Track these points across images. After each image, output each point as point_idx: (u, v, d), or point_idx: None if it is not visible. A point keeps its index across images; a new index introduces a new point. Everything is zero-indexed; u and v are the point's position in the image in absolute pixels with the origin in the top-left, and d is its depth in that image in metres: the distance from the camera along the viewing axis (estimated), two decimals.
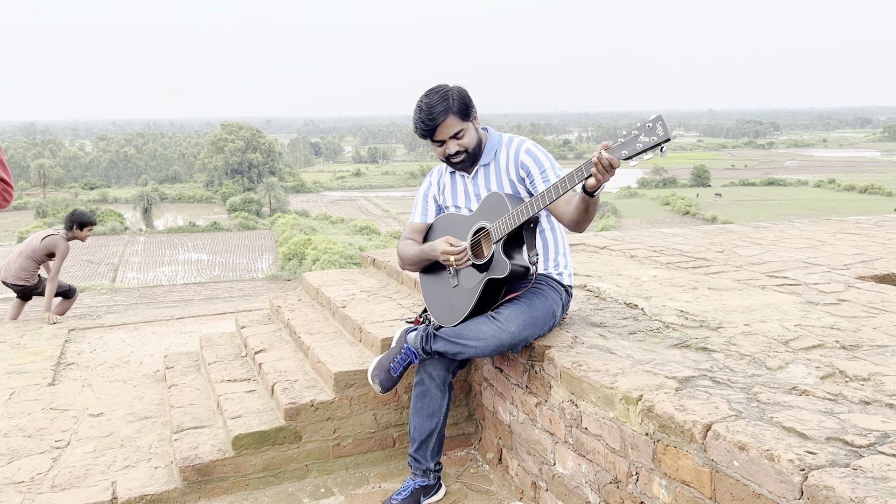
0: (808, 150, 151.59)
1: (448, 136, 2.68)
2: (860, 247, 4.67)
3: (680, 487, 2.00)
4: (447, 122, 2.65)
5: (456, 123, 2.67)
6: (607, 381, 2.29)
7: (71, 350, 5.12)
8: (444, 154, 2.74)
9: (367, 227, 55.71)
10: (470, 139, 2.72)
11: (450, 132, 2.67)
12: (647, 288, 3.55)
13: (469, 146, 2.72)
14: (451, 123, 2.66)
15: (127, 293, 26.37)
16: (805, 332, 2.74)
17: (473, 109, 2.73)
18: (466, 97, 2.69)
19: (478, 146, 2.77)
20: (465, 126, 2.70)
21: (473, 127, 2.74)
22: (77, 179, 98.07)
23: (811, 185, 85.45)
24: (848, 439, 1.77)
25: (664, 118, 2.15)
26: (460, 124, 2.68)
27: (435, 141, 2.71)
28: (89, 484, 2.91)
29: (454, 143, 2.70)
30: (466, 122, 2.70)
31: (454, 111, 2.65)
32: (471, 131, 2.72)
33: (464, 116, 2.68)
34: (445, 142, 2.70)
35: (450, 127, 2.66)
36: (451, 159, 2.75)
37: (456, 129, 2.67)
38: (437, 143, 2.72)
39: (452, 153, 2.72)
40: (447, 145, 2.70)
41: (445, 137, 2.69)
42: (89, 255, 47.65)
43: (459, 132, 2.68)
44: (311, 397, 3.09)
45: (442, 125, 2.65)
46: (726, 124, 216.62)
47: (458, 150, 2.71)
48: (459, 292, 2.70)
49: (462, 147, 2.71)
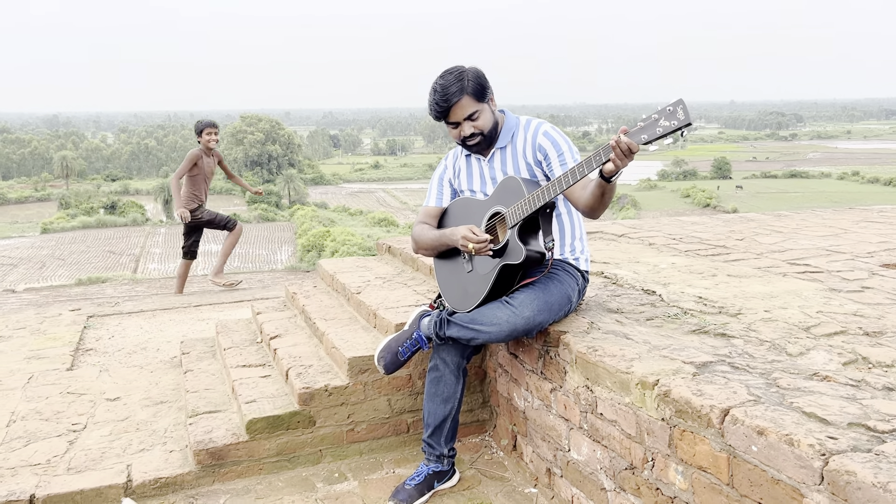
0: (832, 141, 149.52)
1: (462, 117, 2.63)
2: (884, 235, 4.57)
3: (696, 473, 1.96)
4: (462, 102, 2.60)
5: (471, 104, 2.62)
6: (623, 366, 2.25)
7: (89, 336, 5.16)
8: (459, 136, 2.70)
9: (386, 219, 55.79)
10: (485, 121, 2.67)
11: (464, 113, 2.62)
12: (665, 275, 3.49)
13: (484, 128, 2.68)
14: (465, 104, 2.61)
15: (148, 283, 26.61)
16: (827, 318, 2.68)
17: (489, 91, 2.68)
18: (482, 78, 2.65)
19: (494, 128, 2.72)
20: (481, 107, 2.65)
21: (489, 109, 2.69)
22: (99, 171, 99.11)
23: (834, 177, 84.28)
24: (870, 425, 1.72)
25: (685, 102, 2.10)
26: (475, 105, 2.63)
27: (450, 123, 2.67)
28: (105, 466, 2.92)
29: (469, 125, 2.65)
30: (482, 103, 2.65)
31: (469, 92, 2.60)
32: (486, 113, 2.67)
33: (479, 97, 2.63)
34: (460, 123, 2.65)
35: (464, 108, 2.61)
36: (467, 142, 2.70)
37: (471, 110, 2.62)
38: (452, 125, 2.67)
39: (467, 135, 2.67)
40: (462, 127, 2.66)
41: (460, 119, 2.64)
42: (111, 245, 48.16)
43: (474, 113, 2.63)
44: (326, 382, 3.08)
45: (456, 106, 2.60)
46: (748, 116, 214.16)
47: (474, 133, 2.67)
48: (474, 278, 2.67)
49: (477, 129, 2.66)
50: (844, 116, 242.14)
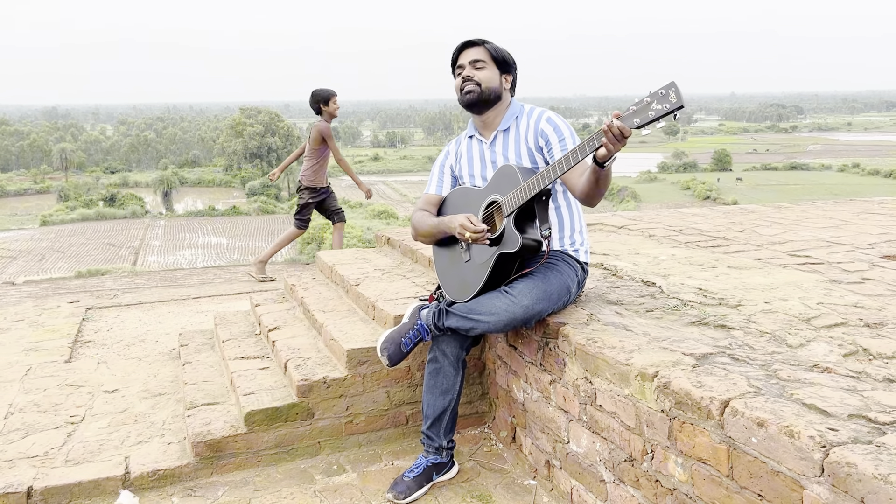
0: (833, 133, 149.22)
1: (468, 59, 2.73)
2: (885, 226, 4.56)
3: (696, 465, 1.95)
4: (476, 49, 2.74)
5: (481, 53, 2.73)
6: (623, 357, 2.24)
7: (88, 328, 5.15)
8: (459, 85, 2.77)
9: (386, 212, 55.71)
10: (488, 75, 2.73)
11: (471, 57, 2.73)
12: (665, 266, 3.48)
13: (484, 81, 2.73)
14: (476, 51, 2.74)
15: (148, 276, 26.63)
16: (827, 310, 2.67)
17: (510, 66, 2.80)
18: (507, 54, 2.78)
19: (494, 93, 2.76)
20: (490, 64, 2.74)
21: (499, 75, 2.76)
22: (98, 163, 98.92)
23: (835, 169, 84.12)
24: (871, 416, 1.71)
25: (677, 84, 2.07)
26: (485, 56, 2.74)
27: (457, 66, 2.76)
28: (103, 458, 2.91)
29: (470, 68, 2.73)
30: (494, 65, 2.75)
31: (487, 47, 2.73)
32: (493, 71, 2.75)
33: (495, 58, 2.74)
34: (464, 67, 2.74)
35: (474, 54, 2.74)
36: (464, 86, 2.75)
37: (478, 56, 2.73)
38: (458, 70, 2.76)
39: (465, 76, 2.73)
40: (464, 69, 2.74)
41: (465, 62, 2.74)
42: (110, 238, 48.13)
43: (479, 62, 2.73)
44: (324, 374, 3.07)
45: (470, 48, 2.75)
46: (748, 108, 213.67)
47: (471, 76, 2.73)
48: (471, 267, 2.66)
49: (476, 77, 2.72)
50: (845, 108, 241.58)
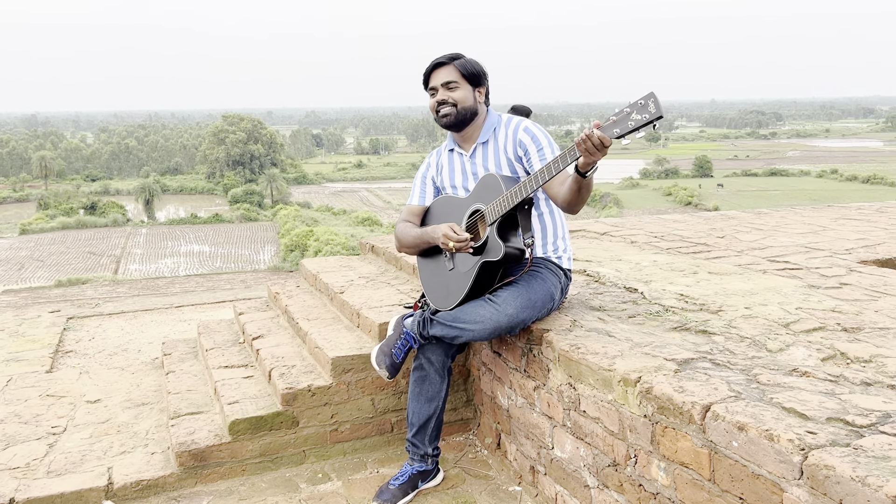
0: (811, 140, 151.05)
1: (441, 81, 2.71)
2: (862, 232, 4.63)
3: (679, 469, 1.97)
4: (445, 69, 2.71)
5: (452, 73, 2.71)
6: (605, 363, 2.26)
7: (69, 338, 5.10)
8: (433, 106, 2.76)
9: (369, 219, 55.68)
10: (462, 95, 2.72)
11: (443, 79, 2.71)
12: (647, 272, 3.52)
13: (459, 102, 2.72)
14: (447, 72, 2.71)
15: (129, 285, 26.34)
16: (806, 314, 2.71)
17: (482, 80, 2.77)
18: (478, 66, 2.75)
19: (470, 111, 2.75)
20: (462, 83, 2.72)
21: (473, 92, 2.75)
22: (79, 171, 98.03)
23: (814, 175, 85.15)
24: (849, 419, 1.74)
25: (656, 95, 2.11)
26: (456, 76, 2.71)
27: (430, 88, 2.75)
28: (85, 469, 2.89)
29: (444, 91, 2.71)
30: (466, 82, 2.72)
31: (457, 65, 2.71)
32: (466, 90, 2.73)
33: (465, 76, 2.71)
34: (437, 90, 2.72)
35: (446, 74, 2.71)
36: (439, 110, 2.74)
37: (450, 78, 2.71)
38: (431, 91, 2.75)
39: (440, 100, 2.72)
40: (438, 93, 2.72)
41: (438, 83, 2.72)
42: (91, 246, 47.66)
43: (452, 83, 2.71)
44: (309, 382, 3.07)
45: (440, 69, 2.72)
46: (729, 115, 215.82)
47: (446, 100, 2.71)
48: (455, 276, 2.68)
49: (451, 99, 2.71)
50: (823, 115, 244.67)
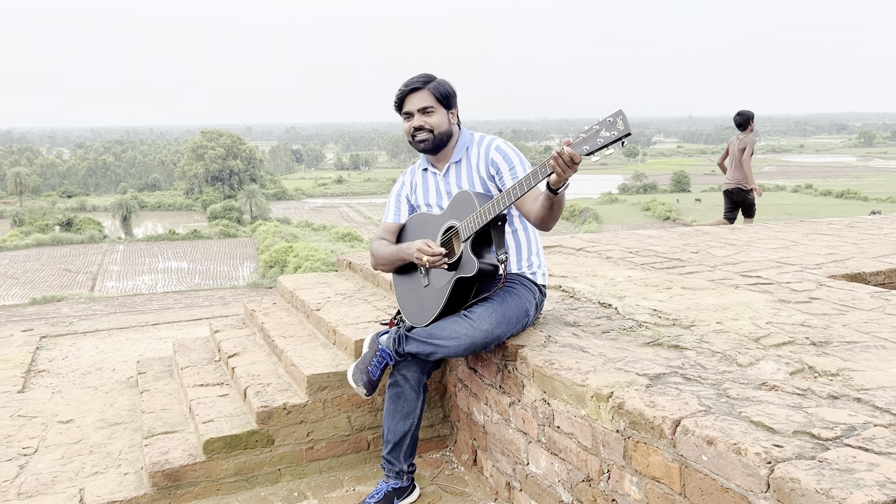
0: (786, 155, 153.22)
1: (416, 108, 2.72)
2: (832, 247, 4.71)
3: (650, 484, 1.99)
4: (419, 94, 2.71)
5: (427, 98, 2.71)
6: (579, 378, 2.28)
7: (42, 357, 5.04)
8: (409, 131, 2.77)
9: (350, 234, 55.54)
10: (438, 121, 2.74)
11: (418, 104, 2.71)
12: (621, 288, 3.55)
13: (435, 127, 2.74)
14: (422, 96, 2.71)
15: (106, 302, 25.99)
16: (776, 329, 2.76)
17: (453, 100, 2.77)
18: (449, 87, 2.75)
19: (446, 135, 2.78)
20: (437, 107, 2.73)
21: (447, 115, 2.77)
22: (54, 187, 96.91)
23: (789, 190, 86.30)
24: (815, 432, 1.77)
25: (624, 112, 2.15)
26: (431, 101, 2.71)
27: (404, 113, 2.75)
28: (56, 491, 2.85)
29: (420, 117, 2.73)
30: (440, 105, 2.73)
31: (430, 88, 2.71)
32: (441, 115, 2.75)
33: (440, 99, 2.72)
34: (413, 115, 2.73)
35: (420, 100, 2.71)
36: (415, 136, 2.76)
37: (425, 103, 2.71)
38: (406, 116, 2.75)
39: (416, 126, 2.73)
40: (413, 119, 2.73)
41: (413, 109, 2.72)
42: (67, 263, 47.06)
43: (428, 108, 2.72)
44: (284, 400, 3.05)
45: (414, 94, 2.71)
46: (706, 130, 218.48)
47: (423, 126, 2.73)
48: (430, 292, 2.69)
49: (428, 125, 2.73)
50: (797, 131, 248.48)
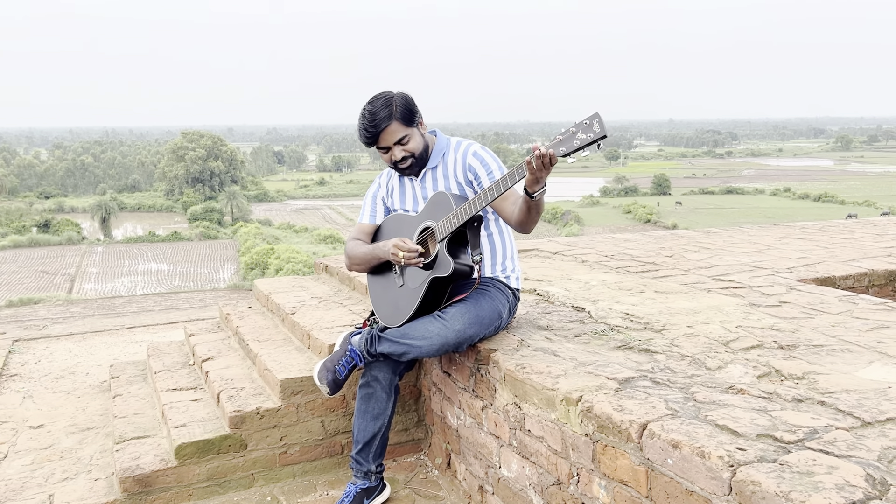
0: (765, 159, 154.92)
1: (392, 141, 2.67)
2: (804, 251, 4.78)
3: (618, 487, 2.01)
4: (390, 128, 2.64)
5: (400, 129, 2.65)
6: (549, 382, 2.30)
7: (14, 361, 4.97)
8: (390, 161, 2.74)
9: (332, 236, 55.32)
10: (416, 144, 2.71)
11: (394, 138, 2.66)
12: (595, 292, 3.57)
13: (416, 151, 2.72)
14: (394, 130, 2.65)
15: (84, 304, 25.69)
16: (745, 332, 2.79)
17: (418, 115, 2.72)
18: (410, 102, 2.69)
19: (425, 151, 2.77)
20: (410, 132, 2.68)
21: (419, 132, 2.74)
22: (32, 188, 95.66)
23: (768, 193, 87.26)
24: (777, 436, 1.79)
25: (601, 115, 2.17)
26: (404, 130, 2.66)
27: (380, 148, 2.70)
28: (25, 497, 2.82)
29: (399, 149, 2.69)
30: (411, 127, 2.69)
31: (398, 117, 2.64)
32: (416, 137, 2.71)
33: (408, 122, 2.67)
34: (391, 148, 2.69)
35: (393, 133, 2.65)
36: (399, 165, 2.74)
37: (400, 134, 2.66)
38: (383, 150, 2.71)
39: (399, 158, 2.71)
40: (392, 151, 2.69)
41: (390, 143, 2.68)
42: (44, 265, 46.46)
43: (404, 138, 2.67)
44: (258, 405, 3.04)
45: (385, 131, 2.64)
46: (686, 134, 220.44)
47: (405, 156, 2.71)
48: (405, 292, 2.69)
49: (408, 152, 2.70)
50: (776, 135, 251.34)
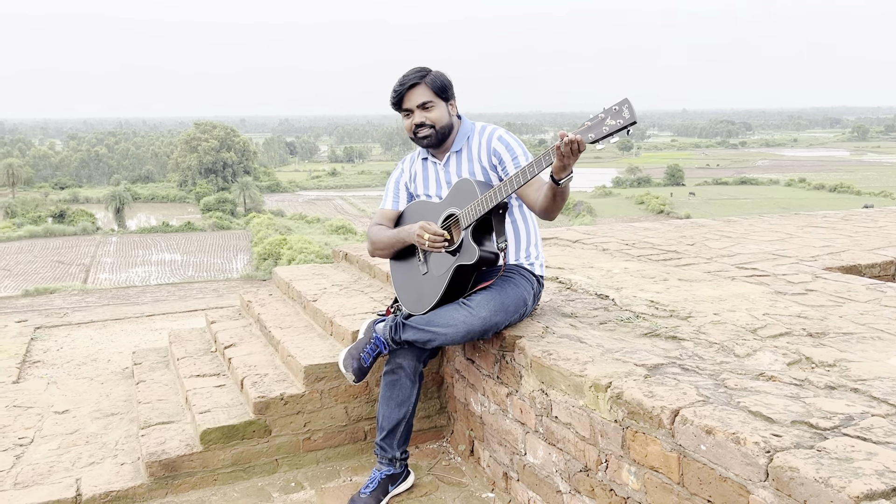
0: (779, 149, 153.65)
1: (416, 104, 2.70)
2: (828, 239, 4.73)
3: (649, 473, 2.00)
4: (417, 89, 2.68)
5: (426, 93, 2.69)
6: (577, 369, 2.29)
7: (37, 348, 5.02)
8: (410, 127, 2.75)
9: (344, 227, 55.43)
10: (438, 115, 2.72)
11: (418, 100, 2.69)
12: (618, 279, 3.56)
13: (436, 122, 2.72)
14: (420, 92, 2.68)
15: (99, 294, 25.92)
16: (773, 320, 2.77)
17: (451, 92, 2.75)
18: (445, 78, 2.73)
19: (447, 128, 2.76)
20: (437, 101, 2.71)
21: (446, 108, 2.75)
22: (47, 179, 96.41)
23: (782, 183, 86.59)
24: (813, 422, 1.78)
25: (630, 101, 2.15)
26: (430, 96, 2.69)
27: (403, 110, 2.73)
28: (53, 481, 2.85)
29: (420, 113, 2.70)
30: (439, 98, 2.71)
31: (427, 82, 2.68)
32: (441, 109, 2.73)
33: (438, 93, 2.70)
34: (413, 112, 2.71)
35: (419, 95, 2.68)
36: (417, 132, 2.74)
37: (425, 98, 2.69)
38: (406, 113, 2.73)
39: (418, 123, 2.72)
40: (414, 115, 2.71)
41: (413, 106, 2.70)
42: (60, 255, 46.85)
43: (428, 103, 2.70)
44: (281, 391, 3.05)
45: (412, 91, 2.68)
46: (700, 124, 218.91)
47: (424, 122, 2.71)
48: (429, 279, 2.69)
49: (429, 120, 2.71)
50: (791, 125, 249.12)
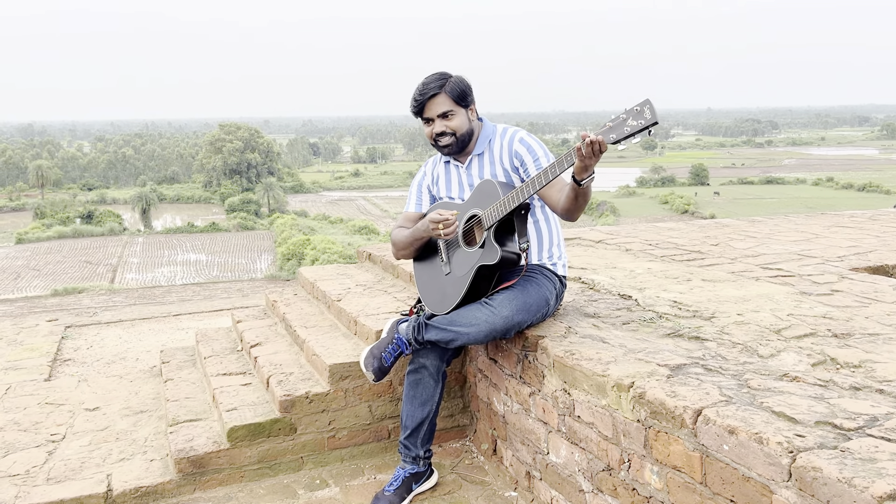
0: (807, 148, 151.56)
1: (436, 113, 2.71)
2: (855, 239, 4.68)
3: (671, 473, 2.00)
4: (438, 99, 2.69)
5: (446, 102, 2.69)
6: (599, 368, 2.30)
7: (67, 346, 5.12)
8: (431, 135, 2.76)
9: (366, 227, 55.68)
10: (459, 123, 2.73)
11: (438, 110, 2.70)
12: (641, 280, 3.55)
13: (457, 130, 2.73)
14: (441, 101, 2.69)
15: (126, 294, 26.27)
16: (797, 321, 2.75)
17: (471, 98, 2.76)
18: (465, 84, 2.73)
19: (468, 134, 2.78)
20: (457, 109, 2.72)
21: (466, 114, 2.75)
22: (75, 180, 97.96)
23: (809, 183, 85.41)
24: (837, 423, 1.77)
25: (651, 102, 2.16)
26: (451, 105, 2.70)
27: (424, 118, 2.74)
28: (84, 476, 2.91)
29: (441, 122, 2.72)
30: (459, 106, 2.72)
31: (447, 91, 2.69)
32: (461, 116, 2.74)
33: (457, 100, 2.71)
34: (433, 120, 2.72)
35: (439, 105, 2.69)
36: (438, 140, 2.76)
37: (445, 108, 2.70)
38: (426, 121, 2.75)
39: (438, 132, 2.73)
40: (434, 124, 2.73)
41: (433, 115, 2.71)
42: (87, 255, 47.59)
43: (448, 112, 2.70)
44: (307, 389, 3.10)
45: (432, 101, 2.69)
46: (725, 123, 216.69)
47: (445, 131, 2.73)
48: (452, 280, 2.71)
49: (449, 129, 2.72)
50: (818, 123, 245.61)
